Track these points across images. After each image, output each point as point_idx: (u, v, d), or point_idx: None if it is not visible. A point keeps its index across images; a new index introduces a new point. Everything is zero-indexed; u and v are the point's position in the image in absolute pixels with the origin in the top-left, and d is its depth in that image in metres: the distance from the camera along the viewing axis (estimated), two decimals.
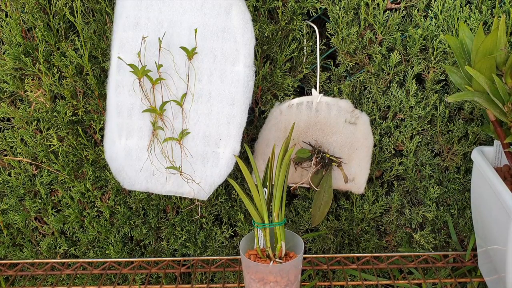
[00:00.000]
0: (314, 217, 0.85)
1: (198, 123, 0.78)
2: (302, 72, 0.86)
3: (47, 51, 0.85)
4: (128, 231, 0.96)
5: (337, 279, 0.97)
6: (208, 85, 0.77)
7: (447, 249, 0.95)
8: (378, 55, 0.84)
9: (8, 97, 0.89)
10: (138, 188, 0.82)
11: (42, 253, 0.98)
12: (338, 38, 0.84)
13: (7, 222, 0.96)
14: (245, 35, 0.76)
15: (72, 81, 0.86)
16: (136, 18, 0.76)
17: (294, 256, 0.76)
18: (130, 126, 0.80)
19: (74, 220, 0.94)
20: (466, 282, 0.90)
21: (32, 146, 0.90)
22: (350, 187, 0.86)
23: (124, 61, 0.77)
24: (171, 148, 0.79)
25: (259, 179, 0.74)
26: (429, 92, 0.86)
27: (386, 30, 0.83)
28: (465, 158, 0.89)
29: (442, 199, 0.92)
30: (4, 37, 0.84)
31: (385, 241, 0.96)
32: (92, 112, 0.89)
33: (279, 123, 0.85)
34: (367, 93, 0.88)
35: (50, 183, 0.93)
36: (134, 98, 0.78)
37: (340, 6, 0.81)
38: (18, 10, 0.83)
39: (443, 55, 0.83)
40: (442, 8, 0.81)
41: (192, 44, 0.76)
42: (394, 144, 0.89)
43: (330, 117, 0.84)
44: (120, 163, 0.81)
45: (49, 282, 0.98)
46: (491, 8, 0.81)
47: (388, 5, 0.83)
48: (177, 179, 0.81)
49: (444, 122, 0.87)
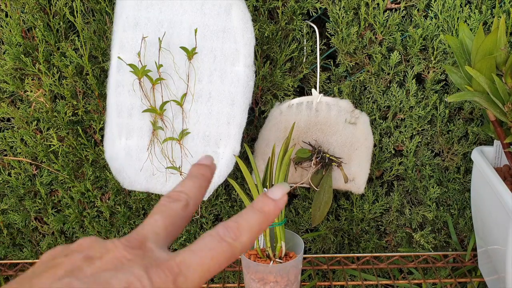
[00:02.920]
0: (314, 217, 0.85)
1: (198, 123, 0.78)
2: (302, 72, 0.86)
3: (47, 51, 0.85)
4: (128, 231, 0.96)
5: (337, 279, 0.97)
6: (208, 85, 0.77)
7: (447, 249, 0.95)
8: (378, 55, 0.84)
9: (8, 97, 0.89)
10: (138, 188, 0.82)
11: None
12: (338, 38, 0.84)
13: (7, 222, 0.96)
14: (245, 35, 0.76)
15: (72, 81, 0.86)
16: (136, 18, 0.76)
17: (294, 256, 0.76)
18: (130, 126, 0.79)
19: (74, 220, 0.94)
20: (466, 282, 0.90)
21: (32, 146, 0.90)
22: (350, 187, 0.86)
23: (124, 61, 0.77)
24: (171, 148, 0.79)
25: (259, 179, 0.74)
26: (429, 92, 0.86)
27: (386, 30, 0.83)
28: (465, 158, 0.89)
29: (442, 199, 0.92)
30: (4, 37, 0.84)
31: (385, 241, 0.96)
32: (92, 112, 0.89)
33: (279, 123, 0.85)
34: (367, 93, 0.88)
35: (50, 183, 0.93)
36: (134, 98, 0.78)
37: (340, 6, 0.81)
38: (18, 10, 0.83)
39: (443, 55, 0.83)
40: (442, 8, 0.81)
41: (192, 44, 0.76)
42: (394, 144, 0.89)
43: (330, 117, 0.84)
44: (120, 163, 0.81)
45: None
46: (491, 8, 0.81)
47: (388, 5, 0.83)
48: (177, 179, 0.81)
49: (444, 122, 0.87)
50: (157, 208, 0.35)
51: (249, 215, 0.34)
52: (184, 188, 0.37)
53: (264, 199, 0.35)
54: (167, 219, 0.34)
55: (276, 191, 0.36)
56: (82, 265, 0.31)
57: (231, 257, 0.33)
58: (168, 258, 0.32)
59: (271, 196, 0.35)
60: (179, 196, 0.36)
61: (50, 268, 0.30)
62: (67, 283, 0.29)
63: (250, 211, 0.35)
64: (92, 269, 0.30)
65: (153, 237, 0.33)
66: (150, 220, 0.34)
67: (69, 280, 0.29)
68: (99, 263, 0.31)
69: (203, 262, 0.32)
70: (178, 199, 0.36)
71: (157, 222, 0.34)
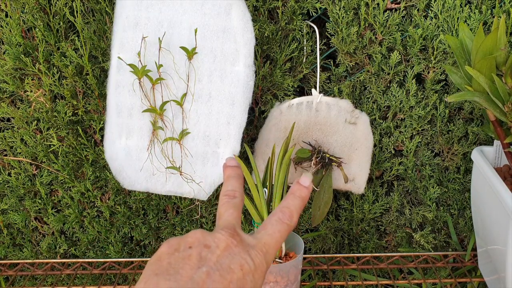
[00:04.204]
0: (314, 217, 0.85)
1: (198, 123, 0.78)
2: (302, 72, 0.86)
3: (47, 51, 0.85)
4: (128, 231, 0.96)
5: (337, 279, 0.97)
6: (208, 85, 0.77)
7: (447, 249, 0.95)
8: (378, 55, 0.84)
9: (8, 97, 0.89)
10: (138, 188, 0.82)
11: (42, 253, 0.98)
12: (338, 38, 0.84)
13: (7, 222, 0.96)
14: (245, 35, 0.76)
15: (72, 81, 0.86)
16: (136, 18, 0.76)
17: (294, 256, 0.76)
18: (130, 126, 0.79)
19: (74, 220, 0.94)
20: (466, 282, 0.90)
21: (32, 146, 0.90)
22: (350, 187, 0.86)
23: (124, 61, 0.77)
24: (171, 148, 0.79)
25: (259, 179, 0.74)
26: (429, 92, 0.86)
27: (386, 30, 0.83)
28: (465, 158, 0.89)
29: (442, 199, 0.92)
30: (4, 37, 0.84)
31: (385, 241, 0.96)
32: (92, 112, 0.89)
33: (279, 123, 0.85)
34: (367, 93, 0.88)
35: (50, 183, 0.93)
36: (134, 98, 0.78)
37: (340, 6, 0.81)
38: (18, 10, 0.83)
39: (443, 55, 0.83)
40: (442, 8, 0.81)
41: (192, 44, 0.76)
42: (394, 144, 0.89)
43: (330, 117, 0.84)
44: (120, 163, 0.81)
45: (49, 282, 0.98)
46: (491, 8, 0.81)
47: (388, 5, 0.83)
48: (177, 179, 0.81)
49: (444, 122, 0.87)
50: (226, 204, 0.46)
51: (294, 201, 0.47)
52: (233, 187, 0.48)
53: (299, 186, 0.48)
54: (237, 211, 0.45)
55: (306, 179, 0.49)
56: (207, 255, 0.39)
57: (288, 233, 0.46)
58: (256, 241, 0.42)
59: (304, 184, 0.48)
60: (234, 193, 0.47)
61: (184, 260, 0.38)
62: (205, 272, 0.37)
63: (293, 198, 0.47)
64: (215, 257, 0.39)
65: (238, 225, 0.44)
66: (228, 213, 0.45)
67: (206, 269, 0.37)
68: (218, 251, 0.39)
69: (276, 240, 0.44)
70: (234, 196, 0.47)
71: (233, 214, 0.45)
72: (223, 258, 0.39)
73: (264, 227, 0.44)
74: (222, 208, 0.46)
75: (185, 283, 0.36)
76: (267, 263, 0.42)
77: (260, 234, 0.43)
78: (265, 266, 0.42)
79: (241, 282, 0.38)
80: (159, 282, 0.36)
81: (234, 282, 0.38)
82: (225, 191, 0.47)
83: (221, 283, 0.37)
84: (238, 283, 0.38)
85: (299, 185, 0.48)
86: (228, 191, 0.47)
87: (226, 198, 0.47)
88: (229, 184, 0.48)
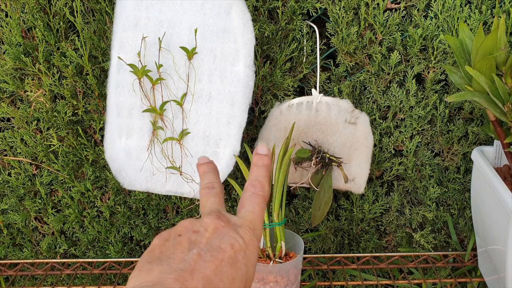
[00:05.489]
0: (314, 217, 0.85)
1: (198, 123, 0.78)
2: (302, 72, 0.86)
3: (47, 51, 0.85)
4: (128, 231, 0.96)
5: (337, 279, 0.97)
6: (208, 85, 0.77)
7: (447, 249, 0.95)
8: (378, 55, 0.84)
9: (8, 97, 0.89)
10: (138, 188, 0.82)
11: (42, 253, 0.98)
12: (338, 38, 0.84)
13: (7, 222, 0.96)
14: (245, 35, 0.76)
15: (72, 81, 0.86)
16: (136, 18, 0.76)
17: (294, 256, 0.76)
18: (130, 126, 0.80)
19: (74, 220, 0.94)
20: (466, 282, 0.90)
21: (32, 146, 0.90)
22: (350, 187, 0.86)
23: (124, 61, 0.77)
24: (171, 148, 0.79)
25: None
26: (429, 92, 0.86)
27: (386, 30, 0.83)
28: (465, 158, 0.89)
29: (442, 199, 0.92)
30: (4, 37, 0.84)
31: (385, 241, 0.96)
32: (92, 112, 0.89)
33: (279, 123, 0.85)
34: (367, 93, 0.88)
35: (50, 183, 0.93)
36: (134, 98, 0.78)
37: (340, 6, 0.81)
38: (18, 10, 0.83)
39: (443, 55, 0.83)
40: (442, 8, 0.81)
41: (192, 44, 0.76)
42: (394, 144, 0.89)
43: (330, 117, 0.84)
44: (120, 163, 0.81)
45: (49, 282, 0.98)
46: (491, 8, 0.81)
47: (388, 5, 0.83)
48: (177, 179, 0.81)
49: (444, 122, 0.87)
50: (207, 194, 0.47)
51: (260, 171, 0.49)
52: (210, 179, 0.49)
53: (260, 156, 0.50)
54: (218, 198, 0.47)
55: (263, 148, 0.51)
56: (196, 239, 0.40)
57: (266, 202, 0.47)
58: (243, 220, 0.44)
59: (262, 152, 0.50)
60: (212, 185, 0.48)
61: (175, 246, 0.39)
62: (196, 253, 0.39)
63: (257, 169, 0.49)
64: (205, 239, 0.40)
65: (222, 209, 0.45)
66: (210, 202, 0.46)
67: (196, 251, 0.39)
68: (207, 234, 0.41)
69: (259, 214, 0.46)
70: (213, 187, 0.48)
71: (215, 201, 0.46)
72: (212, 240, 0.40)
73: (242, 205, 0.46)
74: (204, 199, 0.47)
75: (177, 265, 0.37)
76: (258, 238, 0.44)
77: (241, 213, 0.46)
78: (256, 242, 0.43)
79: (232, 259, 0.40)
80: (152, 267, 0.38)
81: (225, 260, 0.39)
82: (203, 185, 0.49)
83: (213, 262, 0.39)
84: (230, 261, 0.40)
85: (259, 155, 0.50)
86: (206, 184, 0.49)
87: (206, 190, 0.48)
88: (205, 178, 0.50)
